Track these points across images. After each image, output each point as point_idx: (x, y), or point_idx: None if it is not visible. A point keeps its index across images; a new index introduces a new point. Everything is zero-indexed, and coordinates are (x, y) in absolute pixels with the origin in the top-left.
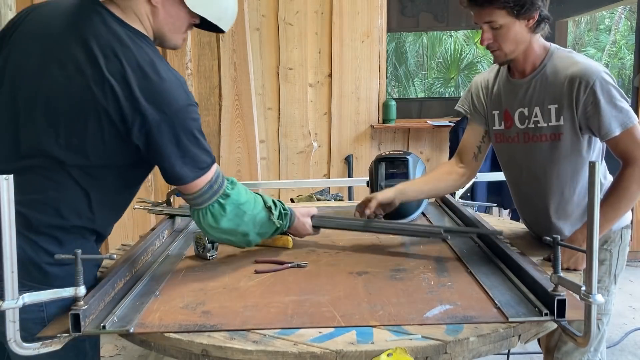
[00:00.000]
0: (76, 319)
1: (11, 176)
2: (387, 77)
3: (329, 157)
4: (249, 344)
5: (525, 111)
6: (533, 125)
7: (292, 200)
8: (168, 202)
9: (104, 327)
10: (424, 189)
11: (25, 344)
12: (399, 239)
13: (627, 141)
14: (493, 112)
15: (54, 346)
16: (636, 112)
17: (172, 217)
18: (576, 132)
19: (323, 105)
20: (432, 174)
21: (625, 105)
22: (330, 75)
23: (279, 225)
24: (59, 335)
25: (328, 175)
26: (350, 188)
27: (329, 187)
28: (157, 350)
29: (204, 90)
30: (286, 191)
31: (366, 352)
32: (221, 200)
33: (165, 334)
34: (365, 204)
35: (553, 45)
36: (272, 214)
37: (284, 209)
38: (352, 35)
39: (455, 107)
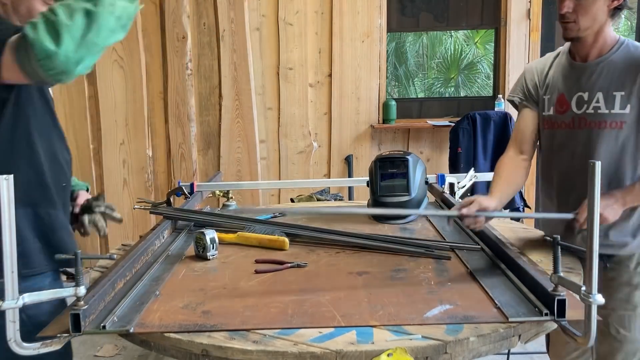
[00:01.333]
0: (76, 319)
1: (11, 176)
2: (387, 77)
3: (329, 157)
4: (249, 344)
5: (585, 96)
6: (592, 111)
7: (292, 200)
8: (168, 202)
9: (104, 327)
10: (510, 192)
11: (25, 344)
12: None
13: None
14: (544, 97)
15: (54, 346)
16: None
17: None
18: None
19: (323, 105)
20: (505, 173)
21: None
22: (330, 75)
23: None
24: (59, 335)
25: (328, 175)
26: (350, 188)
27: (329, 187)
28: (157, 350)
29: (204, 90)
30: (286, 191)
31: (366, 352)
32: None
33: (165, 334)
34: (467, 204)
35: (623, 37)
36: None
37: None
38: (352, 35)
39: (507, 98)
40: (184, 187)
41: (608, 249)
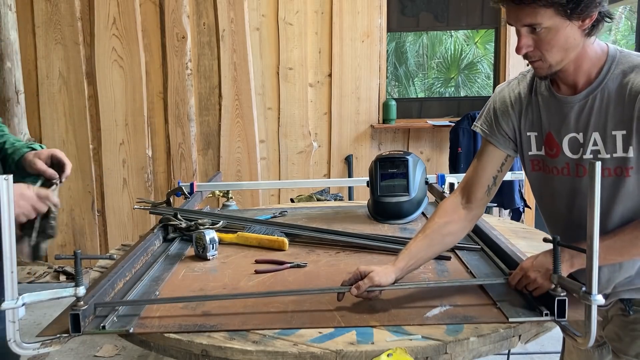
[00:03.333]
0: (76, 319)
1: (11, 176)
2: (387, 77)
3: (329, 157)
4: (249, 344)
5: (580, 137)
6: (591, 156)
7: (292, 200)
8: (168, 202)
9: (104, 327)
10: (429, 254)
11: (25, 344)
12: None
13: None
14: (528, 133)
15: (54, 346)
16: None
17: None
18: None
19: (323, 105)
20: (433, 229)
21: None
22: (330, 75)
23: None
24: (58, 335)
25: (328, 175)
26: (350, 188)
27: (329, 187)
28: (157, 350)
29: (204, 90)
30: (286, 191)
31: (366, 352)
32: None
33: (165, 334)
34: (356, 279)
35: (613, 47)
36: None
37: None
38: (352, 35)
39: (473, 127)
40: (183, 187)
41: (631, 293)
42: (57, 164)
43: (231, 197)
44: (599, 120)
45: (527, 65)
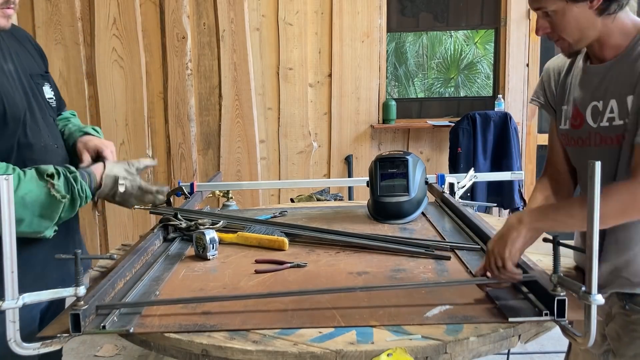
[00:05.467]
0: (76, 319)
1: (11, 176)
2: (387, 77)
3: (329, 157)
4: (249, 344)
5: (600, 105)
6: (607, 124)
7: (292, 200)
8: (168, 202)
9: (104, 327)
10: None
11: (25, 344)
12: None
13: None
14: (562, 107)
15: (54, 346)
16: None
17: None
18: None
19: (323, 105)
20: (544, 192)
21: None
22: (330, 75)
23: (66, 200)
24: (59, 335)
25: (328, 175)
26: (350, 188)
27: (329, 187)
28: (157, 350)
29: (204, 90)
30: (286, 191)
31: (366, 352)
32: None
33: (165, 334)
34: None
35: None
36: (53, 185)
37: (70, 172)
38: (352, 35)
39: (529, 101)
40: (184, 187)
41: (625, 287)
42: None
43: (231, 197)
44: (617, 87)
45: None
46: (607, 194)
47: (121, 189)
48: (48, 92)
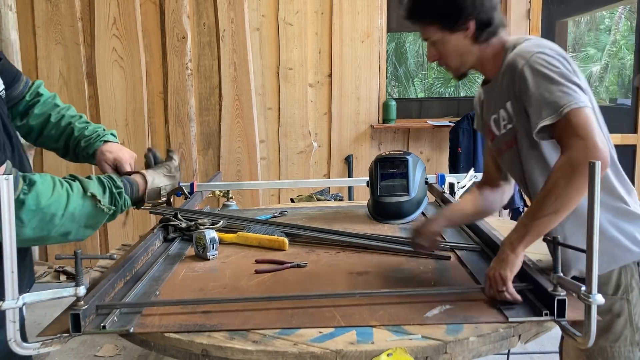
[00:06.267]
0: (76, 319)
1: (11, 176)
2: (387, 77)
3: (329, 157)
4: (249, 344)
5: (496, 116)
6: (504, 130)
7: (292, 200)
8: (168, 202)
9: (104, 327)
10: (468, 212)
11: (25, 344)
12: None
13: (562, 128)
14: (484, 127)
15: (54, 346)
16: (636, 112)
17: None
18: (528, 130)
19: (323, 105)
20: (470, 199)
21: (564, 86)
22: (330, 75)
23: (111, 212)
24: (59, 335)
25: (328, 175)
26: (350, 188)
27: (329, 187)
28: (157, 350)
29: (204, 90)
30: (286, 191)
31: (366, 352)
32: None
33: (165, 334)
34: (422, 234)
35: (512, 40)
36: (99, 201)
37: (116, 187)
38: (352, 35)
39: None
40: (184, 187)
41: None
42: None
43: (231, 197)
44: (500, 98)
45: None
46: (551, 178)
47: (163, 198)
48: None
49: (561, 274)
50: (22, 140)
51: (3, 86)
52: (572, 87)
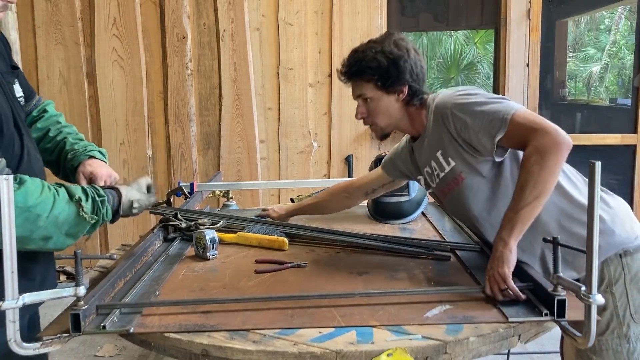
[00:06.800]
0: (76, 319)
1: (11, 176)
2: None
3: (329, 157)
4: (249, 344)
5: (429, 169)
6: (438, 180)
7: (292, 200)
8: (168, 202)
9: (104, 327)
10: (308, 206)
11: (25, 344)
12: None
13: (515, 131)
14: (418, 177)
15: (54, 346)
16: (636, 112)
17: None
18: (469, 164)
19: (323, 105)
20: (321, 195)
21: (493, 103)
22: (330, 75)
23: (93, 221)
24: (59, 335)
25: (328, 175)
26: None
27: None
28: (157, 350)
29: (204, 90)
30: (286, 191)
31: (366, 352)
32: None
33: (165, 334)
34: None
35: (430, 98)
36: (82, 207)
37: (99, 196)
38: (352, 35)
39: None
40: (184, 187)
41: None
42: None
43: (231, 197)
44: (430, 151)
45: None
46: (523, 169)
47: (135, 211)
48: (18, 91)
49: (561, 274)
50: None
51: (22, 94)
52: (498, 101)
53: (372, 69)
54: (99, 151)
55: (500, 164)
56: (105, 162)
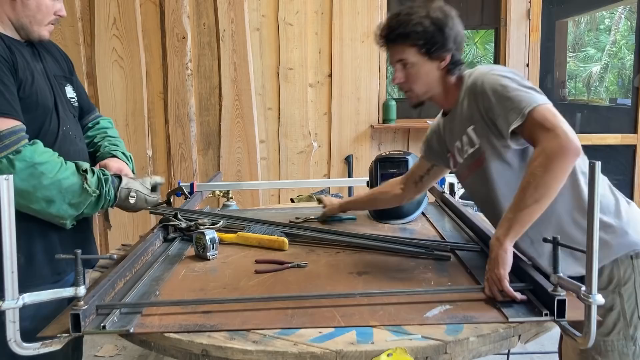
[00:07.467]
0: (76, 319)
1: (11, 176)
2: (387, 77)
3: (329, 157)
4: (249, 344)
5: (459, 144)
6: (467, 155)
7: (292, 200)
8: (168, 202)
9: (104, 327)
10: (363, 200)
11: (25, 344)
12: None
13: (530, 126)
14: (447, 154)
15: (54, 346)
16: (636, 112)
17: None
18: (494, 146)
19: (323, 105)
20: (376, 189)
21: (521, 91)
22: (330, 75)
23: (95, 195)
24: (59, 335)
25: (328, 175)
26: (350, 188)
27: (329, 187)
28: (157, 350)
29: (204, 90)
30: (286, 191)
31: (366, 352)
32: (11, 156)
33: (165, 334)
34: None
35: (467, 71)
36: (87, 179)
37: (104, 174)
38: (352, 35)
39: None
40: (184, 187)
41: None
42: None
43: (231, 197)
44: (461, 126)
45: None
46: (528, 170)
47: (131, 200)
48: (70, 92)
49: (561, 274)
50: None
51: (75, 96)
52: (527, 91)
53: (418, 33)
54: (123, 153)
55: (525, 156)
56: (127, 163)
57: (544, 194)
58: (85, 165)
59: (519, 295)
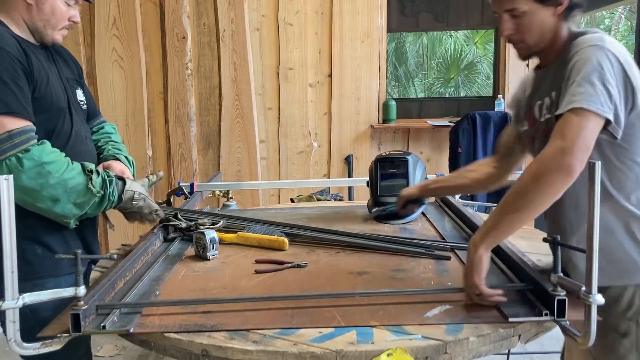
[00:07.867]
0: (76, 319)
1: (11, 176)
2: (387, 77)
3: (329, 157)
4: (249, 344)
5: (542, 102)
6: (544, 119)
7: (292, 200)
8: (168, 202)
9: (104, 327)
10: (449, 184)
11: (25, 344)
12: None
13: (557, 123)
14: (527, 110)
15: (54, 346)
16: None
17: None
18: None
19: (323, 105)
20: (462, 171)
21: (590, 85)
22: (330, 75)
23: (99, 195)
24: (59, 335)
25: (328, 175)
26: (350, 188)
27: (329, 187)
28: (157, 350)
29: (204, 90)
30: (286, 191)
31: (366, 352)
32: (19, 155)
33: (165, 334)
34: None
35: (579, 30)
36: (92, 179)
37: (108, 176)
38: (352, 35)
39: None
40: (184, 187)
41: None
42: None
43: (231, 197)
44: (549, 86)
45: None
46: (521, 175)
47: (136, 203)
48: (80, 95)
49: (561, 274)
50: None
51: (84, 100)
52: (593, 88)
53: None
54: (126, 157)
55: (600, 147)
56: (128, 167)
57: (525, 206)
58: (91, 166)
59: (497, 294)
